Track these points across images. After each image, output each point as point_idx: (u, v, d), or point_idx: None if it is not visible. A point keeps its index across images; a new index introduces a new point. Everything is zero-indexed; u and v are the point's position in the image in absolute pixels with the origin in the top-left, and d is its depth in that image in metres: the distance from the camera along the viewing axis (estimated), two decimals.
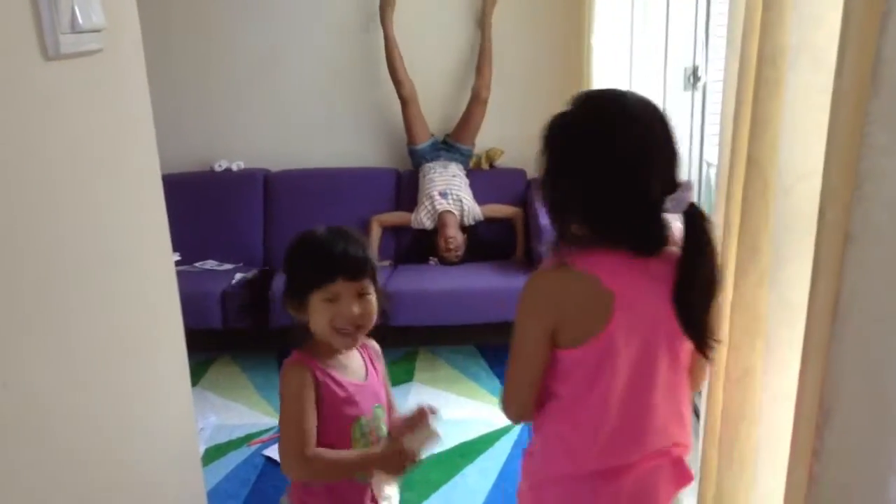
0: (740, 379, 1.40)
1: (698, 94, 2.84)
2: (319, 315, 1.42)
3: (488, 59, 3.84)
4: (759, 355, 1.36)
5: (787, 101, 1.22)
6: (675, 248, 1.20)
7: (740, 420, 1.40)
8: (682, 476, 1.30)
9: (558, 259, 1.19)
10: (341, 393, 1.45)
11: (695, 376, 1.34)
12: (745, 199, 1.34)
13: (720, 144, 1.50)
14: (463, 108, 3.90)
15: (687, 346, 1.23)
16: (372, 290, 1.47)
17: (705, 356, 1.24)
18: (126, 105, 1.46)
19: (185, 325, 3.40)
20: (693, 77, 2.80)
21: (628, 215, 1.17)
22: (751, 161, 1.31)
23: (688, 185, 1.20)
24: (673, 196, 1.18)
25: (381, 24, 3.82)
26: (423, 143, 3.86)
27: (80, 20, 1.18)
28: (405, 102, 3.83)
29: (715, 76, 2.81)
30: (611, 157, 1.15)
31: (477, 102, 3.83)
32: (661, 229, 1.20)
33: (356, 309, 1.43)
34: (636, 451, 1.24)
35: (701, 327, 1.20)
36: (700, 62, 2.77)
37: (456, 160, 3.84)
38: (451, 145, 3.87)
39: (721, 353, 1.49)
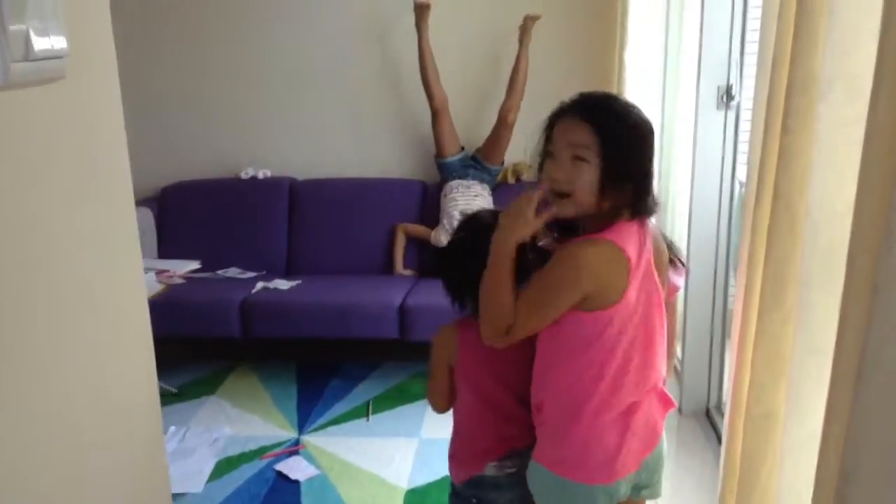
0: (762, 419, 1.34)
1: (731, 114, 2.76)
2: None
3: (521, 82, 3.74)
4: (782, 397, 1.29)
5: (818, 131, 1.15)
6: None
7: (761, 465, 1.33)
8: (667, 402, 1.51)
9: (591, 234, 1.35)
10: None
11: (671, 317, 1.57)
12: (771, 232, 1.27)
13: (747, 174, 1.43)
14: (492, 121, 3.84)
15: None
16: None
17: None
18: (93, 132, 1.34)
19: (204, 334, 3.39)
20: (727, 96, 2.72)
21: (648, 188, 1.39)
22: (778, 194, 1.25)
23: None
24: None
25: (417, 32, 3.77)
26: (452, 157, 3.79)
27: (36, 48, 1.09)
28: (436, 114, 3.77)
29: (749, 95, 2.74)
30: (650, 143, 1.39)
31: (504, 126, 3.73)
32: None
33: None
34: (644, 388, 1.43)
35: None
36: (734, 81, 2.69)
37: (482, 178, 3.78)
38: (480, 162, 3.81)
39: (742, 389, 1.42)
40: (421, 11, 3.74)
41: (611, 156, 1.31)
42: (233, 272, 3.73)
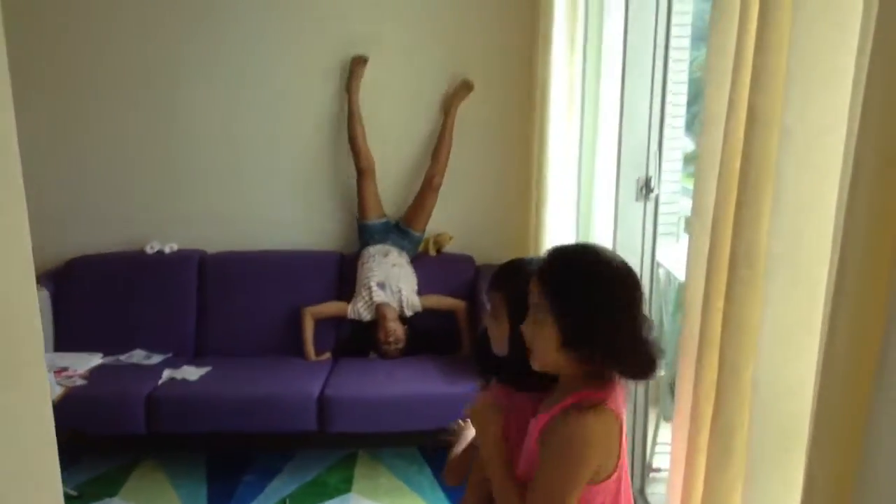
0: None
1: (650, 205, 2.80)
2: None
3: (447, 147, 3.75)
4: None
5: (766, 308, 1.13)
6: None
7: None
8: None
9: (590, 398, 1.25)
10: None
11: None
12: (718, 398, 1.25)
13: (686, 332, 1.41)
14: (416, 191, 3.80)
15: None
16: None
17: None
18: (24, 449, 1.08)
19: (105, 431, 3.13)
20: (646, 188, 2.76)
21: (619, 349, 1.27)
22: (724, 361, 1.23)
23: None
24: None
25: (347, 92, 3.73)
26: (374, 220, 3.72)
27: None
28: (362, 173, 3.70)
29: (667, 188, 2.81)
30: (620, 300, 1.27)
31: (429, 189, 3.73)
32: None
33: None
34: None
35: None
36: (653, 173, 2.74)
37: (401, 246, 3.72)
38: (403, 230, 3.75)
39: None
40: (357, 67, 3.71)
41: (561, 313, 1.25)
42: (137, 356, 3.50)
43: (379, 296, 3.54)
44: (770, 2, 1.08)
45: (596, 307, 1.25)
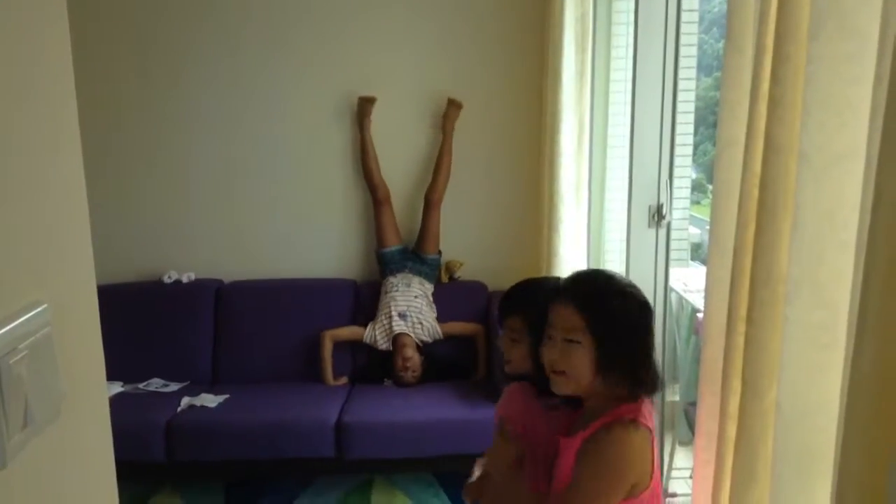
0: None
1: (662, 231, 2.84)
2: None
3: (445, 166, 3.80)
4: None
5: (787, 330, 1.17)
6: None
7: None
8: None
9: (626, 414, 1.34)
10: None
11: None
12: (741, 420, 1.28)
13: (706, 357, 1.44)
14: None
15: None
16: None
17: None
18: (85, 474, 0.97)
19: (125, 458, 3.16)
20: (657, 215, 2.80)
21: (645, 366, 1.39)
22: (747, 383, 1.26)
23: None
24: None
25: (359, 127, 3.80)
26: (392, 248, 3.77)
27: (35, 413, 0.76)
28: (379, 204, 3.78)
29: (676, 214, 2.85)
30: (644, 323, 1.41)
31: (430, 206, 3.78)
32: None
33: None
34: None
35: None
36: (664, 201, 2.78)
37: (422, 272, 3.75)
38: (419, 255, 3.80)
39: None
40: (366, 105, 3.77)
41: (601, 337, 1.35)
42: (155, 384, 3.54)
43: (399, 326, 3.57)
44: (784, 35, 1.13)
45: (632, 331, 1.37)
